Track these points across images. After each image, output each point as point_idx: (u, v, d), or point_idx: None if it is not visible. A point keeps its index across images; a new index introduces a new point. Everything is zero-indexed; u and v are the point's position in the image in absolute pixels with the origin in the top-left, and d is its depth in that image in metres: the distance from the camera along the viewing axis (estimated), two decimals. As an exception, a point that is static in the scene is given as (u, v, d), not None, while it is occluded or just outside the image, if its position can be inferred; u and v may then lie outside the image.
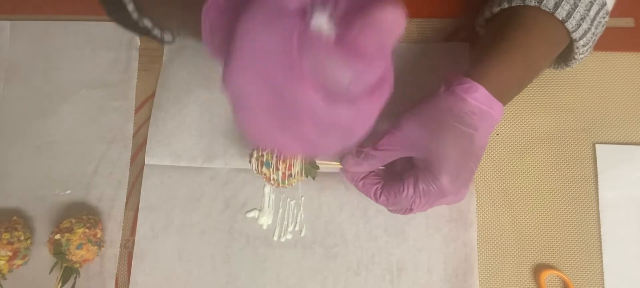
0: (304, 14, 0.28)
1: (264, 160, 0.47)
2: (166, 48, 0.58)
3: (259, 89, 0.30)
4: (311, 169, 0.49)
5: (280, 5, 0.28)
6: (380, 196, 0.47)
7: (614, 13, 0.58)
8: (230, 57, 0.30)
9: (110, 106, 0.57)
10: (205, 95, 0.57)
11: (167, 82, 0.57)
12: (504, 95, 0.45)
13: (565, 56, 0.50)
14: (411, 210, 0.47)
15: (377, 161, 0.47)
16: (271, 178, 0.47)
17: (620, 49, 0.57)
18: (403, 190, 0.45)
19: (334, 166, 0.49)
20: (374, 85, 0.31)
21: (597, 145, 0.54)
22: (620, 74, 0.56)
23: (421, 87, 0.56)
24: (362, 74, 0.30)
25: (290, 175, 0.47)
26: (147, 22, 0.45)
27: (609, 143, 0.55)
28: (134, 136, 0.56)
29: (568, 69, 0.52)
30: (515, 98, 0.55)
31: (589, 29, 0.46)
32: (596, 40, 0.48)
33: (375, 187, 0.47)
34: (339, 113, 0.30)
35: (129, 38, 0.58)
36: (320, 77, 0.29)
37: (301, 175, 0.48)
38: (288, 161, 0.47)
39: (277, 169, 0.47)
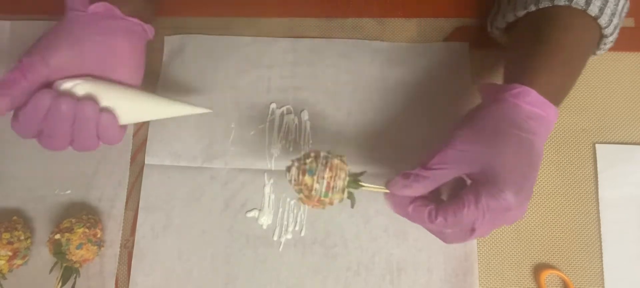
0: None
1: (307, 168, 0.43)
2: (166, 48, 0.58)
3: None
4: (354, 184, 0.44)
5: None
6: (436, 217, 0.41)
7: (614, 13, 0.58)
8: None
9: (110, 106, 0.57)
10: (205, 95, 0.57)
11: (167, 82, 0.57)
12: (554, 99, 0.43)
13: None
14: (473, 230, 0.41)
15: (429, 182, 0.42)
16: (313, 188, 0.43)
17: (620, 49, 0.57)
18: (464, 207, 0.40)
19: (379, 190, 0.45)
20: None
21: (597, 145, 0.54)
22: (620, 74, 0.56)
23: (421, 87, 0.57)
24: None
25: (334, 187, 0.43)
26: None
27: (609, 143, 0.55)
28: (134, 136, 0.56)
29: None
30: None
31: (618, 23, 0.46)
32: (617, 33, 0.48)
33: (428, 208, 0.42)
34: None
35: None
36: None
37: (343, 192, 0.44)
38: (334, 170, 0.43)
39: (322, 178, 0.43)
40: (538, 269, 0.52)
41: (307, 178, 0.43)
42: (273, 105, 0.57)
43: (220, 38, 0.59)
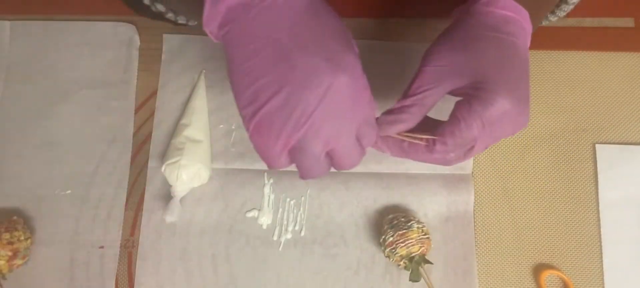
0: None
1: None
2: (166, 47, 0.58)
3: None
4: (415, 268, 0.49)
5: None
6: (435, 144, 0.39)
7: (614, 13, 0.58)
8: None
9: (110, 106, 0.57)
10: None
11: (167, 82, 0.57)
12: (526, 5, 0.41)
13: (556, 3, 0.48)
14: (472, 148, 0.39)
15: (416, 109, 0.39)
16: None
17: (620, 49, 0.57)
18: (460, 124, 0.38)
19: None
20: None
21: (597, 145, 0.54)
22: (620, 74, 0.56)
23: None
24: None
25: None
26: (160, 7, 0.44)
27: (609, 143, 0.55)
28: (134, 136, 0.56)
29: (553, 19, 0.50)
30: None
31: None
32: None
33: (424, 139, 0.40)
34: None
35: (129, 38, 0.58)
36: None
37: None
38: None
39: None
40: (538, 269, 0.52)
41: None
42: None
43: (220, 38, 0.59)
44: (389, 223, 0.50)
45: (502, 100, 0.37)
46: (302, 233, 0.53)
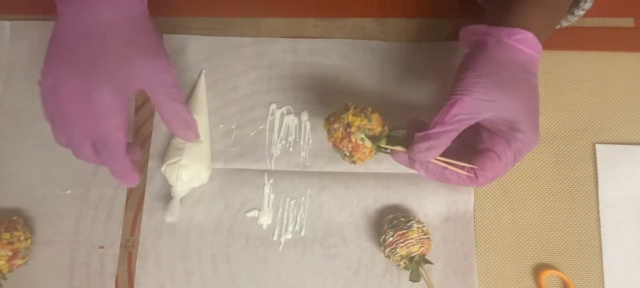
0: None
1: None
2: (165, 47, 0.58)
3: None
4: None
5: None
6: (477, 177, 0.44)
7: (614, 13, 0.58)
8: None
9: (110, 106, 0.57)
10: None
11: (167, 82, 0.57)
12: (541, 39, 0.46)
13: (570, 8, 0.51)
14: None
15: (451, 135, 0.43)
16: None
17: (620, 49, 0.57)
18: (501, 158, 0.43)
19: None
20: None
21: (597, 145, 0.54)
22: (620, 74, 0.56)
23: (421, 87, 0.57)
24: None
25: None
26: None
27: (609, 143, 0.55)
28: (134, 136, 0.56)
29: (566, 24, 0.53)
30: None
31: None
32: None
33: (466, 171, 0.44)
34: None
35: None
36: None
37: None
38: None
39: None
40: (538, 269, 0.52)
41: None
42: (273, 106, 0.57)
43: (220, 38, 0.59)
44: (389, 223, 0.50)
45: (533, 140, 0.44)
46: (302, 233, 0.53)
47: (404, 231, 0.49)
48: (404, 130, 0.46)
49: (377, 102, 0.56)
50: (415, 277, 0.49)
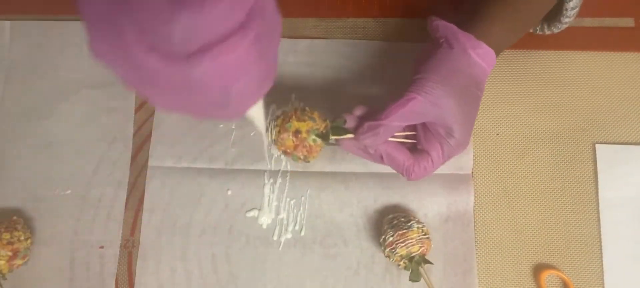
0: None
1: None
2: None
3: (107, 54, 0.27)
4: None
5: None
6: (411, 174, 0.47)
7: (614, 13, 0.58)
8: (85, 26, 0.28)
9: (110, 106, 0.57)
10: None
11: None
12: (498, 53, 0.47)
13: (550, 19, 0.51)
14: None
15: (399, 128, 0.46)
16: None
17: (620, 49, 0.57)
18: (434, 161, 0.46)
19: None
20: (225, 37, 0.27)
21: (597, 145, 0.54)
22: (620, 74, 0.56)
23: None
24: (195, 25, 0.25)
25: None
26: None
27: (609, 143, 0.55)
28: (134, 136, 0.56)
29: (548, 32, 0.52)
30: (515, 99, 0.55)
31: None
32: (581, 4, 0.48)
33: (406, 166, 0.47)
34: (181, 71, 0.27)
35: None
36: (148, 35, 0.26)
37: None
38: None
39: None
40: (538, 269, 0.52)
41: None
42: (273, 106, 0.57)
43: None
44: (389, 223, 0.50)
45: (463, 147, 0.47)
46: (302, 233, 0.53)
47: (404, 231, 0.49)
48: (342, 119, 0.48)
49: (377, 102, 0.56)
50: (415, 277, 0.49)
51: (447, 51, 0.46)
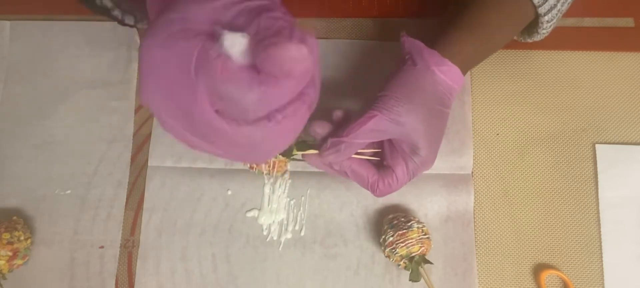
0: (212, 37, 0.28)
1: None
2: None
3: (167, 105, 0.30)
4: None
5: (184, 24, 0.29)
6: (376, 189, 0.47)
7: (614, 13, 0.58)
8: (140, 72, 0.31)
9: (110, 106, 0.57)
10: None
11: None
12: (466, 70, 0.47)
13: (529, 29, 0.51)
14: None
15: (362, 145, 0.46)
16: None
17: (620, 49, 0.57)
18: (398, 179, 0.46)
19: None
20: (287, 105, 0.31)
21: (597, 145, 0.54)
22: (620, 74, 0.56)
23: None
24: (267, 98, 0.29)
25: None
26: (107, 2, 0.44)
27: (609, 143, 0.55)
28: (134, 136, 0.56)
29: (530, 41, 0.52)
30: (515, 99, 0.55)
31: (555, 5, 0.46)
32: (560, 16, 0.48)
33: (371, 182, 0.47)
34: (246, 132, 0.30)
35: (129, 38, 0.58)
36: (220, 99, 0.28)
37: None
38: None
39: None
40: (538, 269, 0.52)
41: None
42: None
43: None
44: (389, 223, 0.50)
45: (429, 164, 0.46)
46: (302, 233, 0.53)
47: (404, 231, 0.49)
48: (311, 138, 0.47)
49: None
50: (415, 277, 0.49)
51: (411, 68, 0.46)
